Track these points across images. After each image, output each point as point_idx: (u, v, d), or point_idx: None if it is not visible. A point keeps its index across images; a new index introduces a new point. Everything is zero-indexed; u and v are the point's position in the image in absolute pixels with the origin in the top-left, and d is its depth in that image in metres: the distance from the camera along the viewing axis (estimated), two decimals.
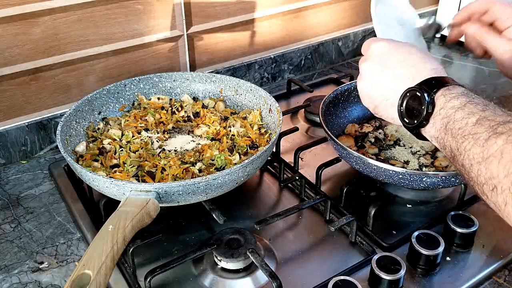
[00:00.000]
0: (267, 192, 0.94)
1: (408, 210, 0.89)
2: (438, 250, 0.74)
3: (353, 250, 0.81)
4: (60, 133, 0.85)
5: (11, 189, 0.95)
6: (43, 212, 0.89)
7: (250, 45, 1.27)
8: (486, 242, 0.81)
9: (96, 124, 0.98)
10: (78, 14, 0.99)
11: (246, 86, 1.04)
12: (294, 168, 0.96)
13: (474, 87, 1.32)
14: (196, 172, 0.84)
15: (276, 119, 0.93)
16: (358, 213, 0.82)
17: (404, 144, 0.98)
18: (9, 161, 1.02)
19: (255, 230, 0.79)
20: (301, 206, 0.85)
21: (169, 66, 1.17)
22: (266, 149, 0.82)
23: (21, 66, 0.97)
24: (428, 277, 0.75)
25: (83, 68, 1.05)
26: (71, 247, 0.82)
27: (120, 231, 0.65)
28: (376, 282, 0.71)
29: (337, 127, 1.02)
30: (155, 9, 1.08)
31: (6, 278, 0.75)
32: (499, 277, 0.76)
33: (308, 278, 0.74)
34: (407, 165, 0.92)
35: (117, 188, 0.74)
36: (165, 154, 0.90)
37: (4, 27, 0.92)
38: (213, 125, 0.97)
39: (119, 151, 0.89)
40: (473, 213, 0.82)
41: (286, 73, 1.39)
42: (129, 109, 1.04)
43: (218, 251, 0.74)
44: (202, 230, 0.84)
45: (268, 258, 0.77)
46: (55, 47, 0.99)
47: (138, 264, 0.75)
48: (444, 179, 0.80)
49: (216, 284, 0.74)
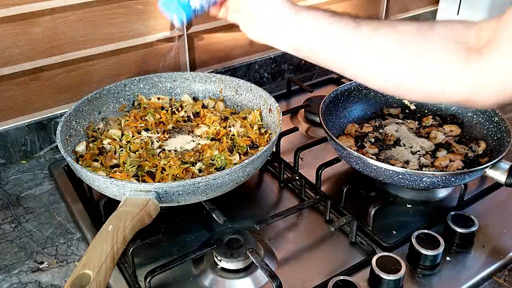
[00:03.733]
0: (267, 192, 0.94)
1: (408, 210, 0.89)
2: (438, 250, 0.74)
3: (353, 250, 0.81)
4: (60, 133, 0.85)
5: (11, 189, 0.95)
6: (43, 212, 0.89)
7: (250, 45, 1.27)
8: (486, 242, 0.81)
9: (96, 124, 0.98)
10: (78, 14, 0.99)
11: (246, 86, 1.04)
12: (294, 168, 0.96)
13: None
14: (196, 172, 0.84)
15: (276, 119, 0.93)
16: (358, 213, 0.82)
17: (404, 144, 0.98)
18: (9, 161, 1.02)
19: (255, 230, 0.79)
20: (301, 206, 0.85)
21: (169, 66, 1.17)
22: (266, 149, 0.82)
23: (21, 66, 0.97)
24: (428, 277, 0.75)
25: (83, 68, 1.05)
26: (71, 247, 0.82)
27: (120, 231, 0.65)
28: (376, 282, 0.71)
29: (337, 127, 1.02)
30: (155, 9, 1.08)
31: (6, 278, 0.75)
32: (499, 277, 0.76)
33: (308, 278, 0.74)
34: (407, 165, 0.92)
35: (117, 188, 0.74)
36: (165, 154, 0.90)
37: (4, 27, 0.92)
38: (213, 125, 0.97)
39: (119, 151, 0.89)
40: (473, 213, 0.82)
41: (286, 73, 1.39)
42: (129, 109, 1.04)
43: (218, 251, 0.74)
44: (202, 230, 0.84)
45: (268, 258, 0.77)
46: (55, 47, 0.99)
47: (138, 264, 0.75)
48: (444, 179, 0.80)
49: (216, 284, 0.74)
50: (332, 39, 0.62)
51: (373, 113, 1.09)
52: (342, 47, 0.62)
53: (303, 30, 0.64)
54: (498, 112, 0.95)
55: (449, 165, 0.91)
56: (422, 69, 0.58)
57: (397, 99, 1.10)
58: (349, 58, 0.62)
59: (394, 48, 0.59)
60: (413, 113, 1.09)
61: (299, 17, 0.64)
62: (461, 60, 0.55)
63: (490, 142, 0.95)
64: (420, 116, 1.08)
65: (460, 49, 0.56)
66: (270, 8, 0.65)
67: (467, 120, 1.02)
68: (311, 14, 0.63)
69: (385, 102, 1.10)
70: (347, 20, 0.61)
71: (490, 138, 0.95)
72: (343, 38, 0.61)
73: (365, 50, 0.60)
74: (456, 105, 1.02)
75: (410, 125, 1.04)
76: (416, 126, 1.04)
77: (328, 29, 0.62)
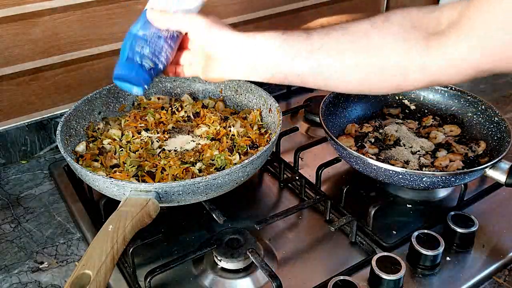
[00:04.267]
0: (267, 192, 0.94)
1: (408, 210, 0.89)
2: (438, 250, 0.74)
3: (353, 250, 0.81)
4: (60, 133, 0.85)
5: (11, 189, 0.95)
6: (43, 212, 0.89)
7: None
8: (486, 242, 0.81)
9: (96, 124, 0.98)
10: (78, 14, 0.99)
11: (246, 86, 1.04)
12: (294, 168, 0.96)
13: (473, 87, 1.32)
14: (196, 172, 0.84)
15: (276, 119, 0.93)
16: (358, 213, 0.82)
17: (404, 144, 0.98)
18: (9, 161, 1.02)
19: (255, 230, 0.79)
20: (301, 206, 0.85)
21: None
22: (266, 149, 0.82)
23: (21, 66, 0.97)
24: (428, 277, 0.75)
25: (83, 68, 1.05)
26: (71, 247, 0.82)
27: (120, 231, 0.65)
28: (376, 282, 0.71)
29: (337, 127, 1.02)
30: None
31: (6, 278, 0.75)
32: (499, 277, 0.76)
33: (308, 278, 0.74)
34: (407, 165, 0.92)
35: (117, 188, 0.74)
36: (165, 154, 0.90)
37: (4, 27, 0.92)
38: (213, 125, 0.97)
39: (119, 151, 0.89)
40: (473, 213, 0.82)
41: None
42: (129, 109, 1.04)
43: (218, 251, 0.74)
44: (202, 230, 0.84)
45: (268, 258, 0.77)
46: (55, 47, 0.99)
47: (138, 264, 0.75)
48: (444, 179, 0.80)
49: (216, 284, 0.74)
50: (288, 56, 0.60)
51: (373, 113, 1.09)
52: (298, 62, 0.60)
53: (259, 52, 0.62)
54: (498, 112, 0.95)
55: (449, 165, 0.91)
56: (379, 64, 0.57)
57: (397, 99, 1.10)
58: (307, 71, 0.60)
59: (347, 49, 0.58)
60: (413, 113, 1.09)
61: (253, 41, 0.62)
62: (421, 47, 0.55)
63: (490, 142, 0.95)
64: (420, 116, 1.08)
65: (419, 35, 0.56)
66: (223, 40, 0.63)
67: (467, 120, 1.02)
68: (265, 35, 0.62)
69: (385, 102, 1.10)
70: (298, 33, 0.61)
71: (490, 138, 0.95)
72: (297, 52, 0.60)
73: (320, 58, 0.59)
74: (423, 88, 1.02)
75: (410, 125, 1.04)
76: (416, 126, 1.04)
77: (282, 47, 0.60)
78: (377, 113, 1.09)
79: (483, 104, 0.99)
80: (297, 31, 0.61)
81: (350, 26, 0.59)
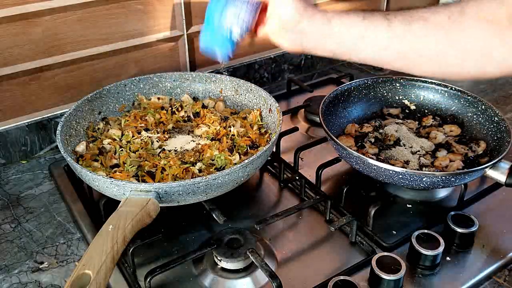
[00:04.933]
0: (267, 192, 0.94)
1: (408, 210, 0.89)
2: (438, 250, 0.74)
3: (353, 250, 0.81)
4: (60, 133, 0.85)
5: (11, 189, 0.95)
6: (43, 212, 0.89)
7: (250, 45, 1.27)
8: (486, 242, 0.81)
9: (96, 124, 0.98)
10: (78, 14, 0.99)
11: (246, 86, 1.04)
12: (294, 168, 0.96)
13: (474, 87, 1.32)
14: (196, 172, 0.84)
15: (276, 119, 0.93)
16: (358, 213, 0.82)
17: (404, 144, 0.98)
18: (9, 161, 1.02)
19: (255, 230, 0.79)
20: (301, 206, 0.85)
21: (169, 66, 1.17)
22: (266, 149, 0.82)
23: (21, 66, 0.97)
24: (428, 277, 0.75)
25: (83, 68, 1.05)
26: (71, 247, 0.82)
27: (120, 231, 0.65)
28: (376, 282, 0.71)
29: (337, 127, 1.02)
30: (155, 9, 1.08)
31: (6, 278, 0.75)
32: (499, 277, 0.76)
33: (308, 278, 0.74)
34: (407, 165, 0.92)
35: (117, 188, 0.74)
36: (165, 154, 0.90)
37: (4, 27, 0.92)
38: (213, 125, 0.97)
39: (119, 151, 0.89)
40: (473, 213, 0.82)
41: (286, 73, 1.39)
42: (129, 109, 1.04)
43: (218, 251, 0.74)
44: (202, 230, 0.84)
45: (268, 258, 0.77)
46: (55, 47, 0.99)
47: (138, 264, 0.75)
48: (444, 179, 0.80)
49: (216, 284, 0.74)
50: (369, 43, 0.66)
51: (373, 113, 1.09)
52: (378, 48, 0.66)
53: (338, 37, 0.67)
54: (498, 112, 0.95)
55: (449, 165, 0.91)
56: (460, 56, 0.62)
57: (397, 99, 1.10)
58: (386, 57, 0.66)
59: (429, 41, 0.63)
60: (413, 113, 1.09)
61: (333, 24, 0.66)
62: (496, 41, 0.59)
63: (490, 142, 0.95)
64: (420, 116, 1.08)
65: (495, 30, 0.59)
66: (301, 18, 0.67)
67: (467, 120, 1.02)
68: (344, 20, 0.66)
69: (385, 102, 1.10)
70: (379, 20, 0.65)
71: (490, 138, 0.95)
72: (379, 41, 0.65)
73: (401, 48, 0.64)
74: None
75: (410, 125, 1.04)
76: (416, 126, 1.04)
77: (363, 34, 0.65)
78: (377, 113, 1.09)
79: (483, 104, 0.99)
80: (377, 17, 0.65)
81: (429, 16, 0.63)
